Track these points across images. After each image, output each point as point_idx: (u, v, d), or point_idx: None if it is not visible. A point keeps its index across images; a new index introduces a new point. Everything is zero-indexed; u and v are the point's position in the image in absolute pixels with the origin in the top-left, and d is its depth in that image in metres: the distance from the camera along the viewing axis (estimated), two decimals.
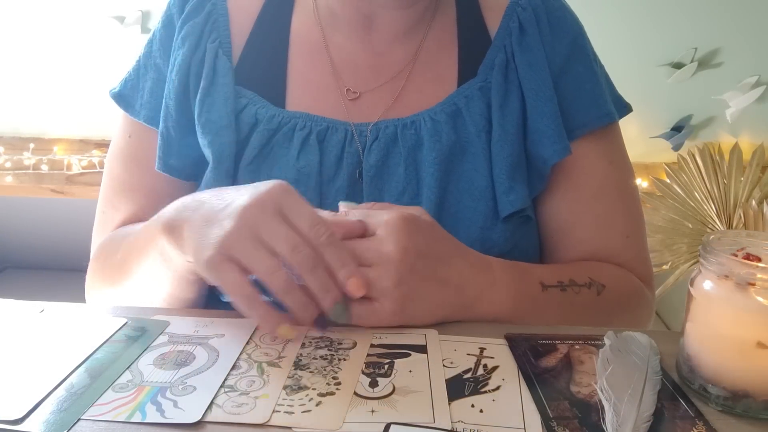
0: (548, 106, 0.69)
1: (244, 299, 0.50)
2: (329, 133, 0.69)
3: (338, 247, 0.52)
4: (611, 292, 0.66)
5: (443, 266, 0.56)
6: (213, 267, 0.51)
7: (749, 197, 1.70)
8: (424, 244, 0.55)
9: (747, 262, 0.44)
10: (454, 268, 0.57)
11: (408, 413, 0.43)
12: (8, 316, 0.56)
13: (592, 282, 0.65)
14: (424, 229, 0.56)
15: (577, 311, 0.63)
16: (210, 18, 0.73)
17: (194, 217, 0.54)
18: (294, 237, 0.50)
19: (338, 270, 0.51)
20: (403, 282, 0.53)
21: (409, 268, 0.54)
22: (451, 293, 0.56)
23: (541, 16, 0.73)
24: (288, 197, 0.52)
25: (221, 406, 0.43)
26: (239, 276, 0.50)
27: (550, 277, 0.63)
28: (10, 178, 1.83)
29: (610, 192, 0.73)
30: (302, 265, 0.50)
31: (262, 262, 0.50)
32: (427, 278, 0.55)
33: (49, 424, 0.41)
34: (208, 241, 0.51)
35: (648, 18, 1.72)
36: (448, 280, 0.56)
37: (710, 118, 1.81)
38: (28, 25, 1.81)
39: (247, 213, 0.51)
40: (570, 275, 0.64)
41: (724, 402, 0.45)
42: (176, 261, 0.58)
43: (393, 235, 0.54)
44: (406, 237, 0.54)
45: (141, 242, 0.62)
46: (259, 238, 0.50)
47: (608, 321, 0.65)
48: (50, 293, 0.73)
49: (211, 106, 0.69)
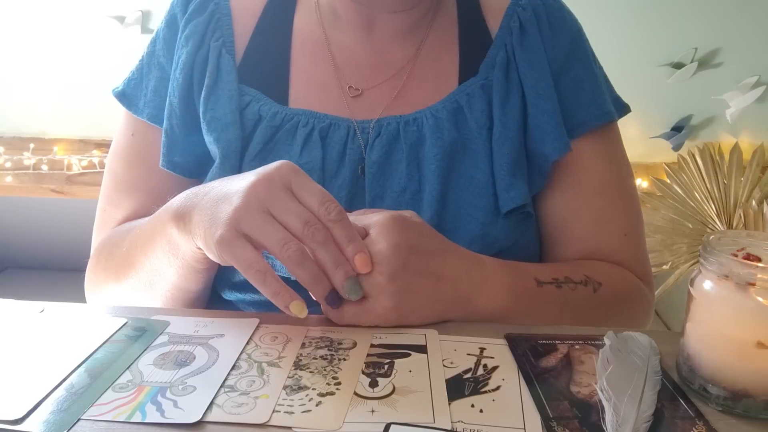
0: (549, 104, 0.70)
1: (258, 274, 0.51)
2: (332, 130, 0.69)
3: (347, 224, 0.53)
4: (608, 290, 0.66)
5: (436, 261, 0.57)
6: (225, 243, 0.51)
7: (749, 197, 1.70)
8: (415, 241, 0.56)
9: (747, 262, 0.44)
10: (448, 263, 0.57)
11: (408, 413, 0.43)
12: (8, 316, 0.56)
13: (588, 279, 0.65)
14: (414, 227, 0.57)
15: (573, 309, 0.63)
16: (213, 17, 0.73)
17: (203, 202, 0.55)
18: (305, 212, 0.51)
19: (346, 246, 0.52)
20: (396, 277, 0.54)
21: (401, 263, 0.54)
22: (446, 288, 0.57)
23: (541, 17, 0.74)
24: (296, 175, 0.53)
25: (221, 406, 0.43)
26: (252, 251, 0.51)
27: (544, 274, 0.63)
28: (10, 178, 1.83)
29: (608, 190, 0.73)
30: (314, 238, 0.51)
31: (274, 234, 0.51)
32: (420, 273, 0.55)
33: (49, 424, 0.41)
34: (219, 220, 0.52)
35: (648, 18, 1.72)
36: (442, 274, 0.57)
37: (710, 118, 1.81)
38: (28, 25, 1.81)
39: (257, 188, 0.52)
40: (565, 273, 0.64)
41: (724, 402, 0.45)
42: (184, 249, 0.58)
43: (384, 233, 0.55)
44: (397, 234, 0.55)
45: (147, 234, 0.63)
46: (270, 213, 0.51)
47: (605, 319, 0.65)
48: (50, 293, 0.73)
49: (216, 104, 0.70)
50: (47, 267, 2.06)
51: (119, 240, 0.69)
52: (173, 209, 0.58)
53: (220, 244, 0.51)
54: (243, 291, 0.67)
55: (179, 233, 0.57)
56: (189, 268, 0.60)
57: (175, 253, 0.59)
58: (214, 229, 0.52)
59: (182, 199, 0.58)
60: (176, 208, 0.58)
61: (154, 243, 0.61)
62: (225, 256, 0.52)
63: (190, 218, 0.56)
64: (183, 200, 0.58)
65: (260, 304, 0.67)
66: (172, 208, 0.59)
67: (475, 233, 0.67)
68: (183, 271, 0.61)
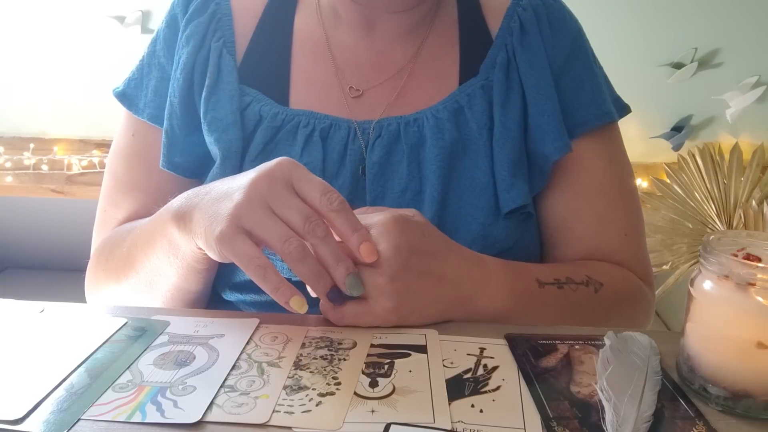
0: (549, 104, 0.70)
1: (258, 269, 0.50)
2: (332, 131, 0.69)
3: (350, 214, 0.53)
4: (609, 291, 0.66)
5: (437, 262, 0.57)
6: (225, 239, 0.51)
7: (749, 197, 1.70)
8: (416, 242, 0.56)
9: (747, 263, 0.44)
10: (449, 264, 0.57)
11: (408, 413, 0.43)
12: (8, 316, 0.56)
13: (590, 280, 0.65)
14: (416, 227, 0.57)
15: (574, 309, 0.63)
16: (214, 17, 0.73)
17: (204, 201, 0.55)
18: (305, 208, 0.51)
19: (351, 235, 0.52)
20: (397, 278, 0.53)
21: (402, 264, 0.54)
22: (447, 288, 0.57)
23: (541, 17, 0.74)
24: (296, 169, 0.53)
25: (221, 406, 0.43)
26: (252, 247, 0.51)
27: (546, 274, 0.63)
28: (10, 178, 1.83)
29: (609, 190, 0.73)
30: (314, 233, 0.51)
31: (274, 230, 0.50)
32: (421, 274, 0.55)
33: (49, 424, 0.41)
34: (219, 216, 0.52)
35: (648, 18, 1.72)
36: (443, 275, 0.57)
37: (710, 119, 1.81)
38: (28, 25, 1.81)
39: (257, 184, 0.52)
40: (567, 273, 0.64)
41: (724, 402, 0.45)
42: (184, 249, 0.58)
43: (385, 234, 0.54)
44: (398, 235, 0.54)
45: (148, 234, 0.63)
46: (271, 209, 0.51)
47: (606, 319, 0.65)
48: (50, 293, 0.73)
49: (217, 104, 0.70)
50: (47, 267, 2.06)
51: (119, 240, 0.69)
52: (173, 209, 0.58)
53: (220, 240, 0.51)
54: (244, 292, 0.67)
55: (180, 233, 0.57)
56: (189, 268, 0.60)
57: (176, 254, 0.59)
58: (214, 225, 0.52)
59: (183, 200, 0.58)
60: (177, 209, 0.58)
61: (155, 243, 0.61)
62: (225, 251, 0.52)
63: (191, 218, 0.56)
64: (183, 200, 0.58)
65: (261, 304, 0.67)
66: (172, 208, 0.58)
67: (475, 233, 0.67)
68: (183, 271, 0.61)
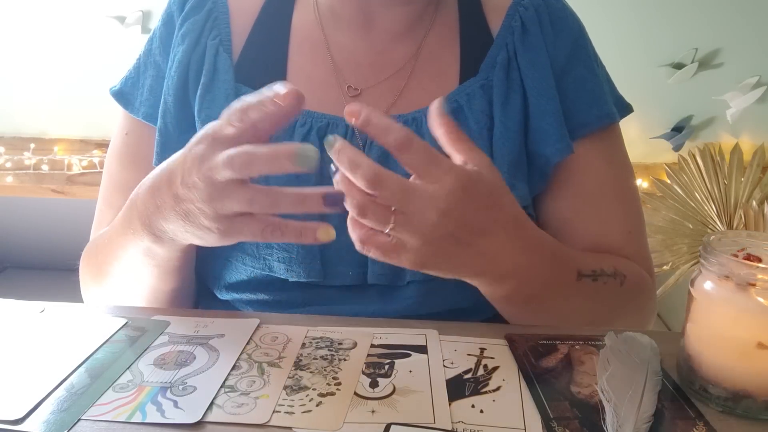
0: (551, 105, 0.70)
1: (275, 231, 0.51)
2: (330, 130, 0.69)
3: None
4: (630, 283, 0.67)
5: (484, 239, 0.54)
6: (227, 236, 0.52)
7: (750, 198, 1.70)
8: (471, 216, 0.52)
9: (747, 263, 0.44)
10: (496, 242, 0.54)
11: (408, 413, 0.43)
12: (8, 316, 0.56)
13: (617, 272, 0.65)
14: (479, 198, 0.53)
15: (601, 301, 0.64)
16: (211, 15, 0.73)
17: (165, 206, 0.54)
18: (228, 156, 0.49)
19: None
20: (431, 243, 0.51)
21: (442, 234, 0.51)
22: (483, 263, 0.55)
23: (543, 16, 0.73)
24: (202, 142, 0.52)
25: (221, 407, 0.43)
26: (252, 222, 0.51)
27: (586, 265, 0.63)
28: (10, 178, 1.83)
29: (610, 191, 0.73)
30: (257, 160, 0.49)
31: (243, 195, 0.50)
32: (461, 243, 0.53)
33: (49, 424, 0.41)
34: (201, 225, 0.52)
35: (648, 18, 1.72)
36: (485, 252, 0.54)
37: (711, 119, 1.80)
38: (29, 25, 1.81)
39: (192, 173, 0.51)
40: (600, 264, 0.65)
41: (724, 402, 0.45)
42: (162, 255, 0.60)
43: (443, 198, 0.50)
44: (453, 204, 0.51)
45: (117, 243, 0.63)
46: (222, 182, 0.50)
47: (623, 312, 0.66)
48: (50, 293, 0.73)
49: (212, 103, 0.69)
50: (47, 267, 2.05)
51: (100, 243, 0.70)
52: (141, 222, 0.58)
53: (224, 241, 0.53)
54: (239, 291, 0.67)
55: (158, 245, 0.59)
56: (165, 269, 0.62)
57: (151, 261, 0.61)
58: (205, 235, 0.53)
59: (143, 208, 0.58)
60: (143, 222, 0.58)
61: (127, 252, 0.62)
62: (233, 241, 0.53)
63: (163, 229, 0.56)
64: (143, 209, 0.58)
65: (257, 303, 0.67)
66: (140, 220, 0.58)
67: None
68: (160, 273, 0.63)
